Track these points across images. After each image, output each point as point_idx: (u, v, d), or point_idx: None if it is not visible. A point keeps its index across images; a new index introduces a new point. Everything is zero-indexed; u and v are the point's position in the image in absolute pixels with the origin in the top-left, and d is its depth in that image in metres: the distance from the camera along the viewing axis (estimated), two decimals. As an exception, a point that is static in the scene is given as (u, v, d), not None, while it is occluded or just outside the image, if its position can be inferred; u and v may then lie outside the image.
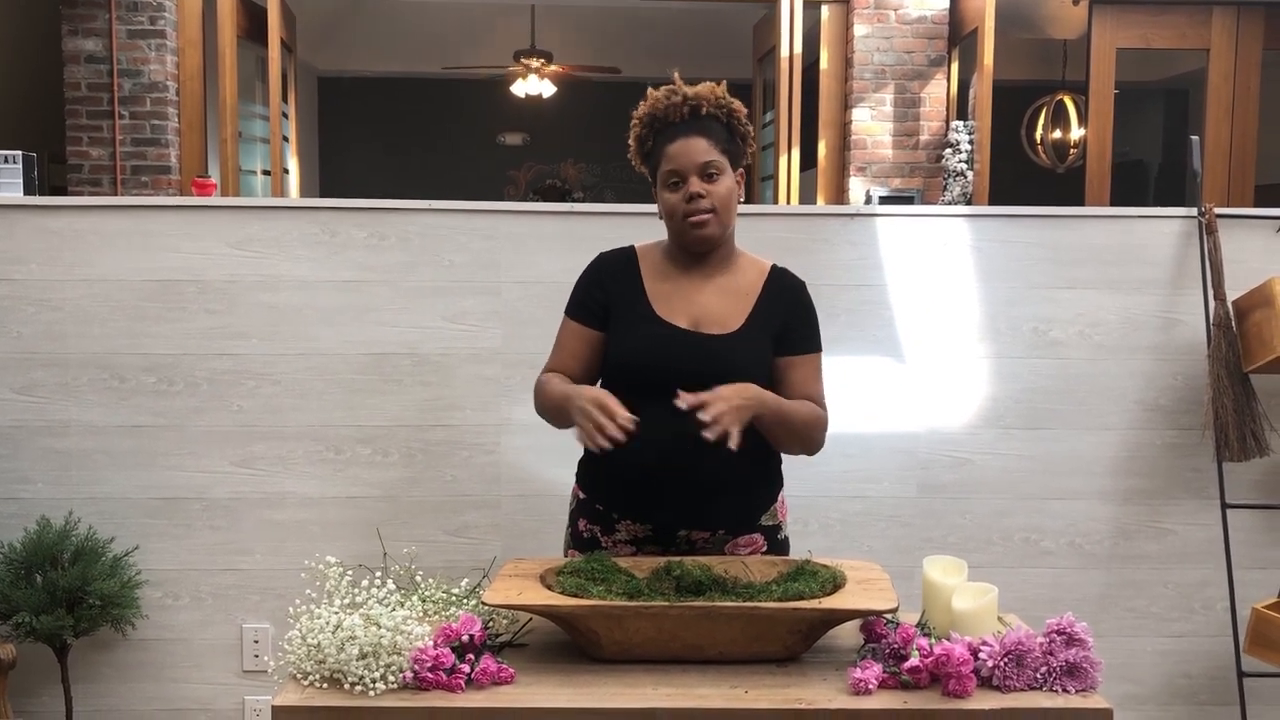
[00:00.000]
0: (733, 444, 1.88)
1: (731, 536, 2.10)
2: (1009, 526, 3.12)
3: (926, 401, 3.10)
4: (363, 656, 1.66)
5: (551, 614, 1.77)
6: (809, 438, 2.08)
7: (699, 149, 2.04)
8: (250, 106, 6.32)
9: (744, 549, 2.10)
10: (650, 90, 2.11)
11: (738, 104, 2.12)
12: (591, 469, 2.15)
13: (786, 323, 2.11)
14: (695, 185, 2.04)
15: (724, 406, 1.89)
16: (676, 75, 2.13)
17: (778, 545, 2.16)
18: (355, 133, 10.56)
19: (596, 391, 1.96)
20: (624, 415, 1.88)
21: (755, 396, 1.96)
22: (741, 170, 2.13)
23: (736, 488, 2.08)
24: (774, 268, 2.17)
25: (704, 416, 1.88)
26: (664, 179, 2.07)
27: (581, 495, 2.18)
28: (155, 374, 3.01)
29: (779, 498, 2.19)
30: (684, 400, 1.89)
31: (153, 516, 3.03)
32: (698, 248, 2.09)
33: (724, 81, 2.12)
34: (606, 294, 2.12)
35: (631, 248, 2.18)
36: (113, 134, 6.02)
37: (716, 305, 2.09)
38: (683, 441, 1.99)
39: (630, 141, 2.15)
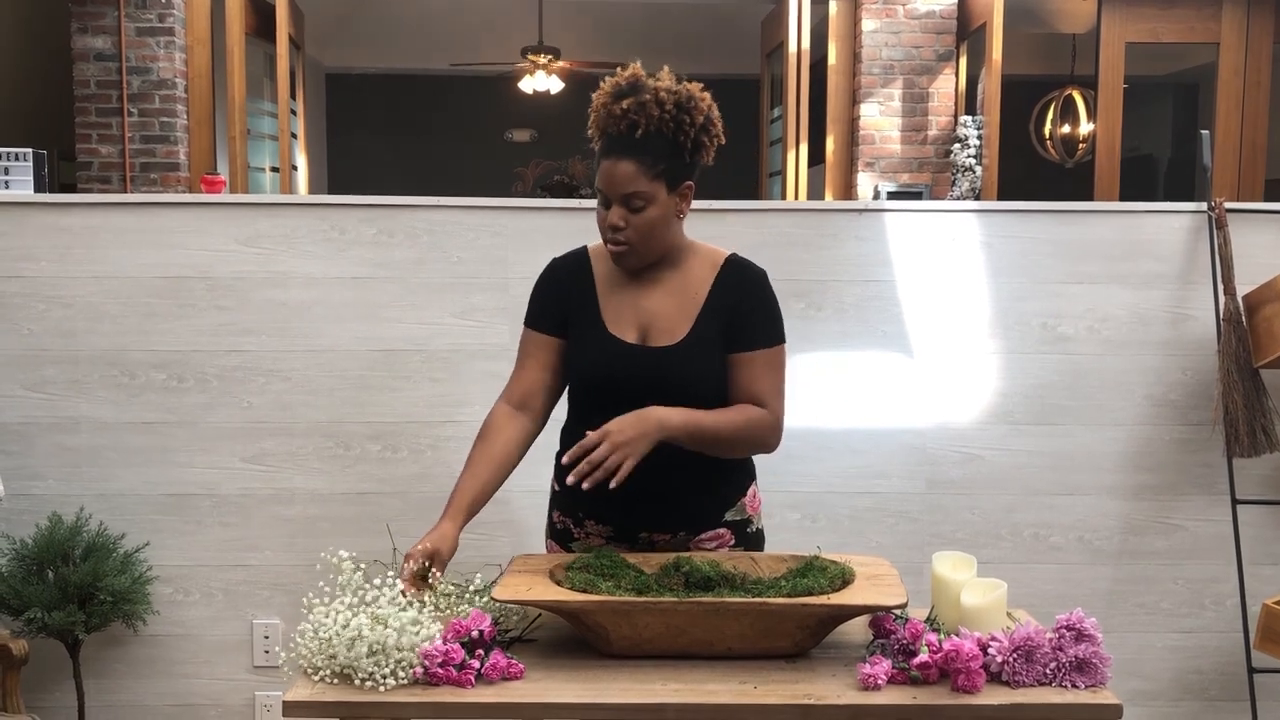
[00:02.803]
0: (615, 481, 1.84)
1: (693, 535, 2.07)
2: (1018, 522, 3.12)
3: (935, 397, 3.10)
4: (371, 654, 1.66)
5: (560, 609, 1.77)
6: (745, 445, 2.03)
7: (625, 177, 1.95)
8: (259, 103, 6.33)
9: (709, 545, 2.07)
10: (607, 80, 1.98)
11: (698, 108, 1.97)
12: (560, 469, 2.15)
13: (734, 317, 2.03)
14: (614, 216, 1.97)
15: (606, 450, 1.85)
16: (635, 66, 2.00)
17: (748, 539, 2.12)
18: (363, 129, 10.56)
19: (428, 544, 1.88)
20: (406, 575, 1.83)
21: (653, 427, 1.90)
22: (689, 184, 2.01)
23: (692, 492, 2.05)
24: (729, 260, 2.08)
25: (586, 467, 1.85)
26: (596, 190, 2.00)
27: (556, 488, 2.18)
28: (165, 370, 3.02)
29: (749, 491, 2.15)
30: (568, 459, 1.87)
31: (163, 513, 3.04)
32: (621, 269, 2.05)
33: (695, 84, 1.98)
34: (562, 303, 2.10)
35: (584, 250, 2.13)
36: (122, 131, 6.03)
37: (665, 311, 2.04)
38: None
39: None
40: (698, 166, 2.03)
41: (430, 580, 1.85)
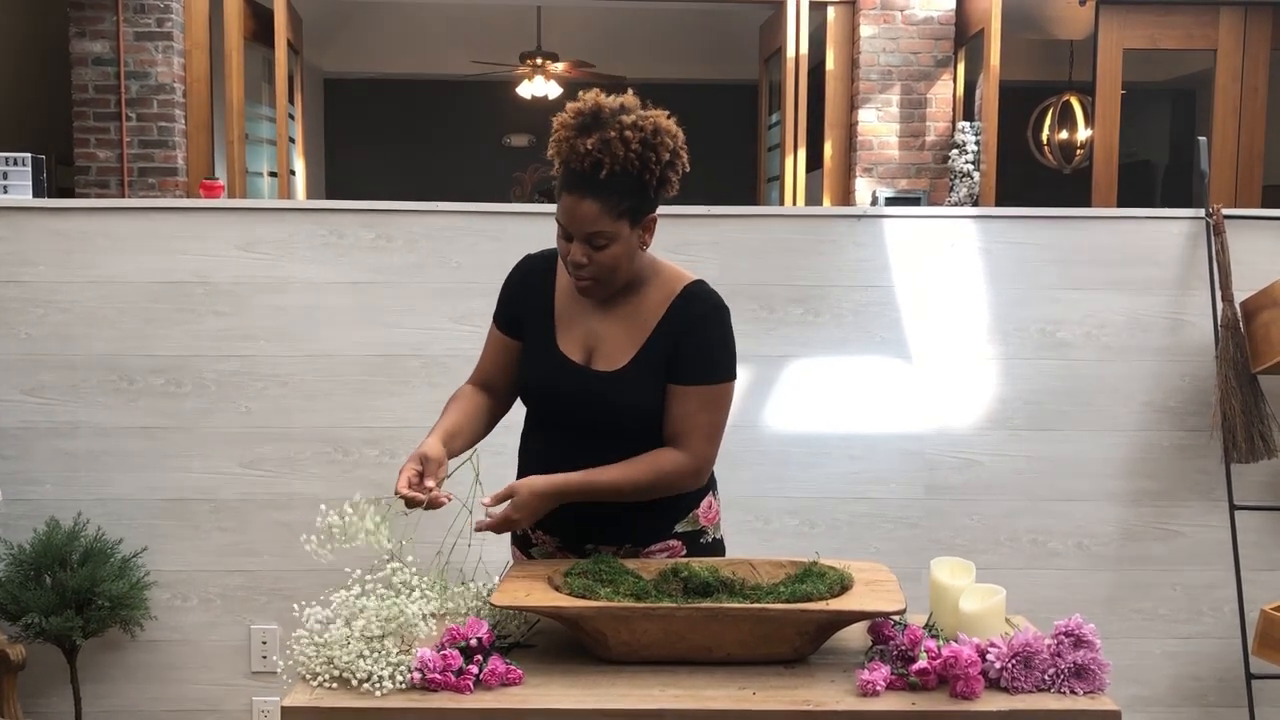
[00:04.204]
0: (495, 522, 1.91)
1: (641, 547, 2.06)
2: (1017, 528, 3.12)
3: (934, 403, 3.10)
4: (372, 639, 1.67)
5: (559, 615, 1.77)
6: (652, 493, 1.99)
7: (588, 216, 1.90)
8: (257, 108, 6.33)
9: (660, 555, 2.06)
10: (569, 106, 1.93)
11: (664, 143, 1.91)
12: (520, 476, 2.14)
13: (677, 348, 1.98)
14: (577, 253, 1.94)
15: (509, 511, 1.92)
16: (596, 93, 1.93)
17: (701, 550, 2.09)
18: (361, 134, 10.57)
19: (423, 447, 1.97)
20: (402, 484, 1.90)
21: (549, 496, 1.94)
22: (652, 217, 1.97)
23: (634, 509, 2.02)
24: (687, 288, 2.02)
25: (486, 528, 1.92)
26: (556, 220, 1.98)
27: None
28: (163, 375, 3.02)
29: (703, 504, 2.11)
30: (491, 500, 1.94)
31: (161, 518, 3.04)
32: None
33: (661, 113, 1.92)
34: (522, 306, 2.10)
35: (554, 253, 2.11)
36: (120, 136, 6.03)
37: (613, 335, 2.02)
38: (577, 465, 1.97)
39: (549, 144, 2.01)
40: (662, 198, 1.99)
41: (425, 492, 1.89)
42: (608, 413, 1.99)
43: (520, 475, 2.13)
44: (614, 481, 1.97)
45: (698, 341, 2.00)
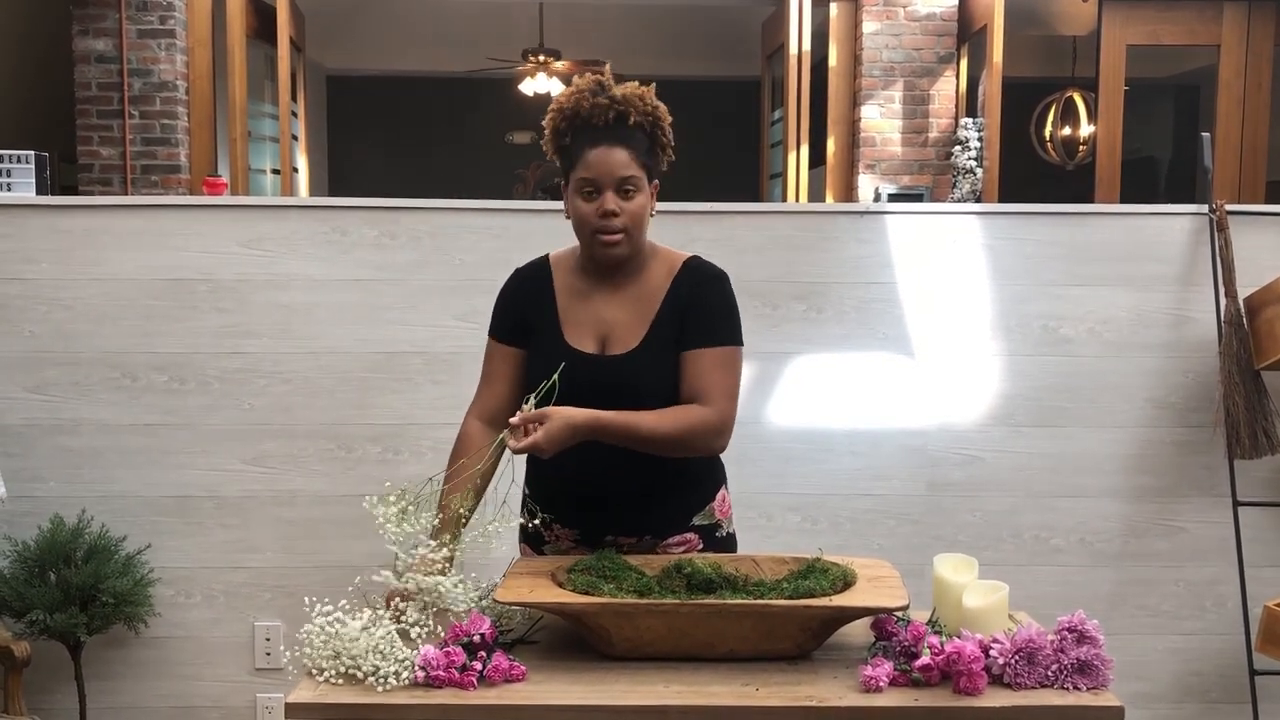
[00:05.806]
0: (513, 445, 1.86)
1: (659, 539, 2.07)
2: (1019, 524, 3.12)
3: (936, 399, 3.10)
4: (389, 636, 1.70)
5: (563, 611, 1.77)
6: (681, 447, 1.98)
7: (619, 161, 1.96)
8: (260, 105, 6.33)
9: (676, 549, 2.07)
10: (575, 80, 2.03)
11: (664, 110, 2.04)
12: (529, 472, 2.15)
13: (686, 318, 2.02)
14: (610, 202, 1.96)
15: (529, 442, 1.86)
16: (608, 69, 2.04)
17: (716, 544, 2.11)
18: (364, 132, 10.57)
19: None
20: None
21: (580, 429, 1.89)
22: (656, 183, 2.05)
23: (655, 497, 2.04)
24: (686, 263, 2.08)
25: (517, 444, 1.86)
26: (578, 185, 1.98)
27: (526, 491, 2.18)
28: (166, 373, 3.02)
29: (718, 496, 2.14)
30: (518, 420, 1.87)
31: (164, 515, 3.04)
32: (606, 264, 2.04)
33: (652, 85, 2.03)
34: (522, 314, 2.11)
35: (545, 259, 2.15)
36: (123, 133, 6.04)
37: (623, 318, 2.04)
38: (595, 458, 1.96)
39: (545, 129, 2.06)
40: (660, 166, 2.07)
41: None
42: (628, 394, 1.99)
43: (532, 472, 2.13)
44: (645, 426, 1.93)
45: (704, 307, 2.04)
